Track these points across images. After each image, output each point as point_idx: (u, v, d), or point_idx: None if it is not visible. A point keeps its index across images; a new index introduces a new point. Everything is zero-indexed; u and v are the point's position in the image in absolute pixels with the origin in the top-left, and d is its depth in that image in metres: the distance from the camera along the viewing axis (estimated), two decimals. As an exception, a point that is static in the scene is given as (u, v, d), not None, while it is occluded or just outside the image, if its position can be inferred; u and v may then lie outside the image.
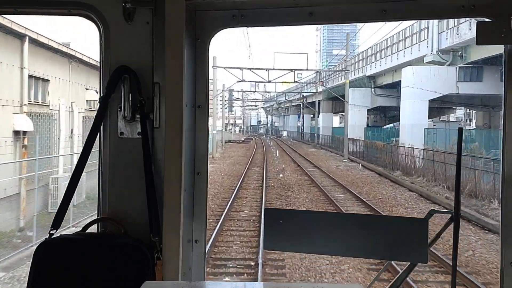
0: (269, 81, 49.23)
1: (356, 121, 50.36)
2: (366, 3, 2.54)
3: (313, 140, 79.41)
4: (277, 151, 50.36)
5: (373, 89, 50.03)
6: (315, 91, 72.96)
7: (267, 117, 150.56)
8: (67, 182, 2.43)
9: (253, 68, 48.09)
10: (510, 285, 2.36)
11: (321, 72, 64.06)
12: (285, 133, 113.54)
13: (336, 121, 76.38)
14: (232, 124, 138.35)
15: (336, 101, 63.10)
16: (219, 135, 58.89)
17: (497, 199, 17.80)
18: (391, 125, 61.68)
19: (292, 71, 47.61)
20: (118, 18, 2.43)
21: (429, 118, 42.60)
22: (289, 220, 2.42)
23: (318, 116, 72.76)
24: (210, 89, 2.79)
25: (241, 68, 47.72)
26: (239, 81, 49.33)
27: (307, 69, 53.34)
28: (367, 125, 55.44)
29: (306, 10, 2.55)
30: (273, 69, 46.55)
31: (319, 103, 70.74)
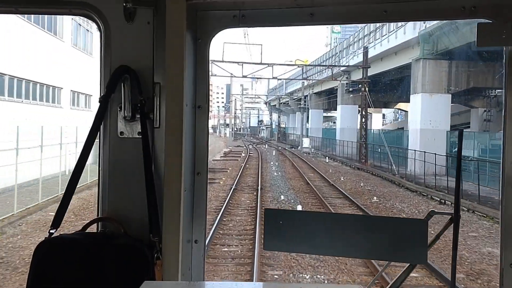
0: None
1: None
2: (367, 3, 2.53)
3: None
4: None
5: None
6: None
7: (270, 115, 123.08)
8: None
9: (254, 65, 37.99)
10: (510, 287, 2.35)
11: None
12: (306, 142, 61.57)
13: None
14: (222, 124, 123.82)
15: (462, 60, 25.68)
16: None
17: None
18: None
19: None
20: (119, 18, 2.43)
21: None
22: (289, 220, 2.42)
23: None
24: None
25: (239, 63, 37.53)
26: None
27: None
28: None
29: (307, 11, 2.55)
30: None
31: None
